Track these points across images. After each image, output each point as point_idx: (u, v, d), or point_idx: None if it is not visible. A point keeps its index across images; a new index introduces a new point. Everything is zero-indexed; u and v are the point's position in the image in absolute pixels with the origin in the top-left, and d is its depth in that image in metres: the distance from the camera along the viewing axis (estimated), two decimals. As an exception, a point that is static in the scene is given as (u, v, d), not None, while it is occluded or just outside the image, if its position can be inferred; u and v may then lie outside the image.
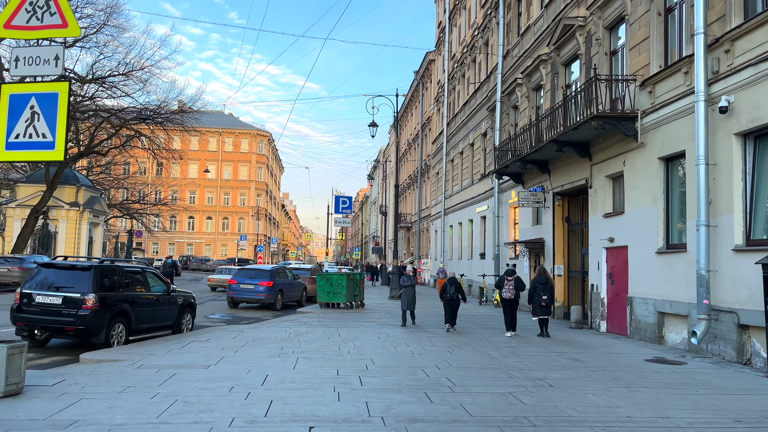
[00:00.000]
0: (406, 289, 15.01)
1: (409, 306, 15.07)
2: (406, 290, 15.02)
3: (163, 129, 37.17)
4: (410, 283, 15.07)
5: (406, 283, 15.05)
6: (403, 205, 57.37)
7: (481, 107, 27.41)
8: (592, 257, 15.66)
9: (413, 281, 15.29)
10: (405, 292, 15.03)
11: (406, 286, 15.05)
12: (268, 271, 20.60)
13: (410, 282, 15.10)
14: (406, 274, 15.60)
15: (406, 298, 14.98)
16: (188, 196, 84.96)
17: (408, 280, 15.16)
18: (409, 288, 15.01)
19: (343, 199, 21.69)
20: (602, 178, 15.19)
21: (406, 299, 14.98)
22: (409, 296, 15.01)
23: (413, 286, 15.16)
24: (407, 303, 15.00)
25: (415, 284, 15.33)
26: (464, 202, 30.58)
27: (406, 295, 14.99)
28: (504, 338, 12.99)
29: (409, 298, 15.02)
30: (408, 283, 15.06)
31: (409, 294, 15.00)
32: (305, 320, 15.98)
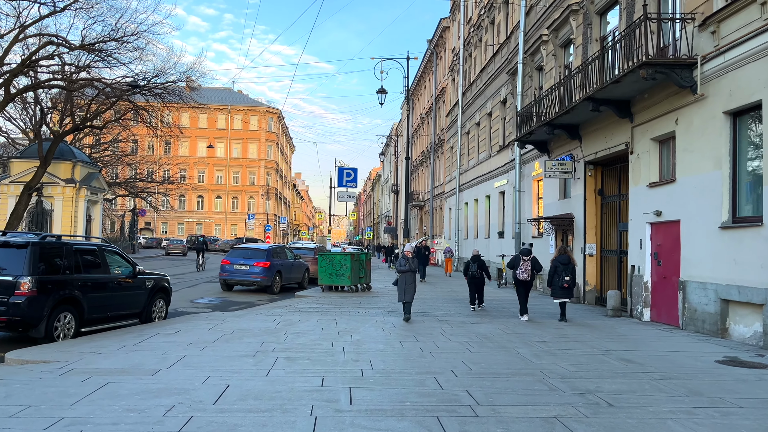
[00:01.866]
0: (403, 275, 11.74)
1: (405, 296, 11.74)
2: (403, 277, 11.76)
3: (162, 101, 34.99)
4: (408, 268, 11.73)
5: (403, 268, 11.72)
6: (415, 183, 55.15)
7: (501, 72, 25.03)
8: (633, 234, 13.47)
9: (412, 265, 11.88)
10: (401, 280, 11.80)
11: (402, 271, 11.76)
12: (264, 250, 18.63)
13: (408, 266, 11.75)
14: (403, 256, 11.98)
15: (403, 286, 11.75)
16: (197, 174, 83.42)
17: (406, 263, 11.74)
18: (407, 274, 11.74)
19: (347, 171, 19.53)
20: (646, 142, 12.93)
21: (403, 288, 11.75)
22: (405, 284, 11.73)
23: (412, 271, 11.84)
24: (403, 292, 11.75)
25: (415, 269, 12.02)
26: (481, 177, 28.34)
27: (403, 283, 11.74)
28: (534, 331, 10.89)
29: (406, 287, 11.71)
30: (406, 267, 11.71)
31: (406, 281, 11.72)
32: (302, 306, 14.00)
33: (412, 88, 56.18)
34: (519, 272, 12.81)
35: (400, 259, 12.03)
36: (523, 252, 13.22)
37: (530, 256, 12.96)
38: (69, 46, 29.56)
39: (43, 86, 31.38)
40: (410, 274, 11.77)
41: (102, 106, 35.60)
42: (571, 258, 12.76)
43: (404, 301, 11.76)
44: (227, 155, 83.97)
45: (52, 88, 33.44)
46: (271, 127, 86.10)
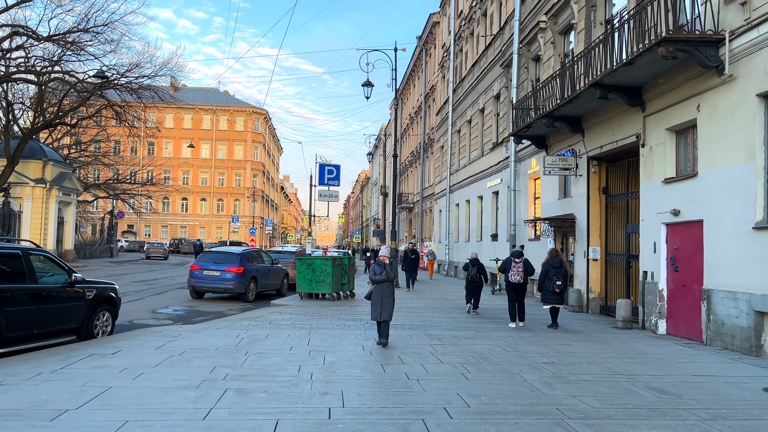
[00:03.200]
0: (379, 286, 9.19)
1: (381, 313, 9.10)
2: (378, 288, 9.18)
3: (138, 97, 33.21)
4: (385, 277, 9.17)
5: (378, 277, 9.19)
6: (404, 185, 53.69)
7: (494, 65, 23.62)
8: (645, 236, 12.04)
9: (390, 273, 9.27)
10: (376, 292, 9.19)
11: (377, 281, 9.21)
12: (237, 254, 17.02)
13: (385, 275, 9.17)
14: (378, 262, 9.33)
15: (378, 300, 9.12)
16: (181, 176, 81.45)
17: (381, 271, 9.19)
18: (383, 285, 9.20)
19: (329, 168, 17.91)
20: (661, 132, 11.50)
21: (378, 302, 9.11)
22: (381, 297, 9.13)
23: (390, 281, 9.29)
24: (378, 308, 9.12)
25: (393, 278, 9.46)
26: (473, 177, 26.89)
27: (378, 296, 9.13)
28: (538, 349, 9.39)
29: (382, 301, 9.11)
30: (381, 276, 9.16)
31: (382, 294, 9.14)
32: (274, 317, 12.43)
33: (401, 87, 54.79)
34: (511, 275, 12.14)
35: (374, 266, 9.38)
36: (515, 254, 12.48)
37: (522, 258, 12.27)
38: (36, 37, 27.84)
39: (8, 80, 29.59)
40: (387, 285, 9.23)
41: (74, 102, 33.95)
42: (563, 261, 12.10)
43: (380, 320, 9.11)
44: (212, 156, 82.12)
45: (17, 81, 31.67)
46: (258, 128, 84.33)
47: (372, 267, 9.44)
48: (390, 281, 9.35)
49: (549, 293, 11.98)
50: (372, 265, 9.52)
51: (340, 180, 17.71)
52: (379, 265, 9.33)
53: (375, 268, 9.36)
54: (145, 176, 63.75)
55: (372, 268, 9.42)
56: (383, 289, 9.24)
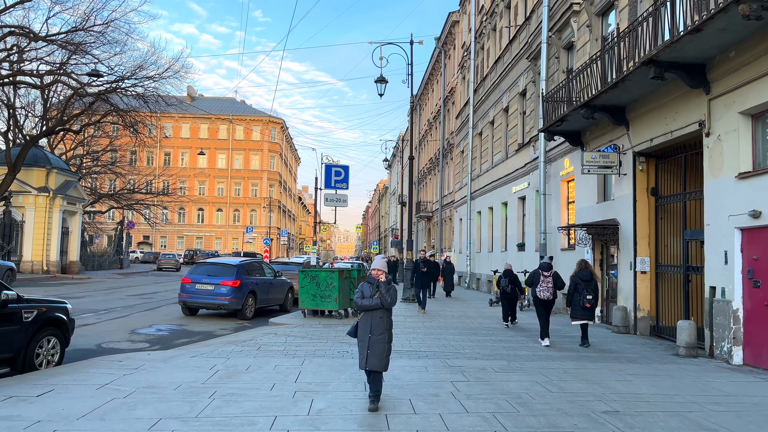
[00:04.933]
0: (368, 316, 6.16)
1: (368, 359, 6.03)
2: (366, 319, 6.16)
3: (145, 102, 31.79)
4: (378, 302, 6.08)
5: (367, 302, 6.12)
6: (423, 193, 51.74)
7: (519, 59, 21.64)
8: (712, 244, 9.93)
9: (386, 297, 6.07)
10: (363, 324, 6.17)
11: (367, 307, 6.13)
12: (234, 266, 15.18)
13: (380, 299, 6.08)
14: (370, 279, 6.22)
15: (366, 337, 6.09)
16: (197, 186, 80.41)
17: (372, 292, 6.13)
18: (375, 314, 6.12)
19: (337, 170, 15.94)
20: (733, 117, 9.44)
21: (366, 341, 6.08)
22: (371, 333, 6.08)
23: (385, 309, 6.15)
24: (365, 350, 6.07)
25: (390, 303, 6.12)
26: (496, 182, 24.85)
27: (366, 332, 6.10)
28: (589, 388, 7.33)
29: (370, 340, 6.06)
30: (372, 301, 6.10)
31: (372, 327, 6.09)
32: (266, 340, 10.52)
33: (419, 92, 53.02)
34: (540, 290, 11.17)
35: (362, 285, 6.29)
36: (543, 267, 11.42)
37: (551, 271, 11.29)
38: (34, 37, 26.54)
39: (8, 83, 28.36)
40: (381, 315, 6.08)
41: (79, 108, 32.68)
42: (593, 274, 11.06)
43: (369, 369, 6.05)
44: (229, 166, 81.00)
45: (19, 85, 30.49)
46: (274, 137, 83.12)
47: (360, 286, 6.27)
48: (385, 308, 6.12)
49: (579, 308, 10.89)
50: (361, 283, 6.41)
51: (349, 183, 15.84)
52: (370, 284, 6.19)
53: (363, 287, 6.20)
54: (161, 186, 62.85)
55: (360, 288, 6.24)
56: (374, 320, 6.07)
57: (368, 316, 6.15)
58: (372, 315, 6.13)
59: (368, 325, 6.11)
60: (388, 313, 6.23)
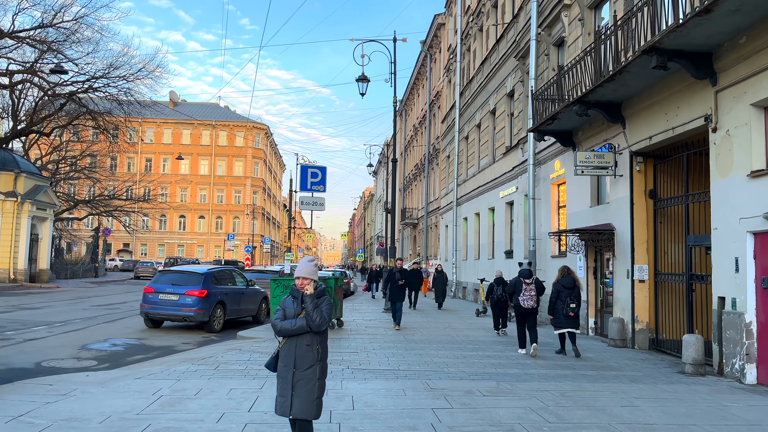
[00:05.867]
0: (289, 344, 4.39)
1: (292, 403, 4.34)
2: (288, 347, 4.38)
3: (118, 104, 30.57)
4: (301, 325, 4.32)
5: (288, 325, 4.34)
6: (408, 200, 50.87)
7: (507, 59, 20.80)
8: (720, 251, 9.02)
9: (314, 317, 4.29)
10: (284, 355, 4.40)
11: (286, 332, 4.35)
12: (201, 274, 14.07)
13: (304, 322, 4.31)
14: (294, 292, 4.48)
15: (288, 372, 4.36)
16: (179, 193, 78.79)
17: (296, 311, 4.39)
18: (299, 341, 4.37)
19: (313, 171, 14.76)
20: (744, 110, 8.55)
21: (288, 378, 4.36)
22: (294, 367, 4.36)
23: (313, 331, 4.37)
24: (288, 391, 4.36)
25: (320, 325, 4.33)
26: (483, 186, 23.94)
27: (287, 364, 4.37)
28: (592, 416, 6.34)
29: (294, 376, 4.35)
30: (292, 325, 4.33)
31: (295, 359, 4.36)
32: (227, 358, 9.43)
33: (404, 97, 52.14)
34: (523, 299, 10.75)
35: (284, 301, 4.56)
36: (524, 274, 11.01)
37: (533, 278, 10.98)
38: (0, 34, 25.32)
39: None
40: (309, 341, 4.38)
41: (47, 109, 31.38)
42: (576, 281, 10.82)
43: (293, 418, 4.44)
44: (211, 173, 79.58)
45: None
46: (258, 143, 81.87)
47: (282, 302, 4.53)
48: (315, 332, 4.37)
49: (562, 317, 10.57)
50: (283, 298, 4.67)
51: (326, 185, 14.78)
52: (294, 299, 4.46)
53: (285, 303, 4.48)
54: (141, 192, 61.37)
55: (282, 303, 4.51)
56: (299, 348, 4.34)
57: (291, 344, 4.35)
58: (296, 342, 4.34)
59: (291, 356, 4.34)
60: (319, 338, 4.41)
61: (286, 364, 4.40)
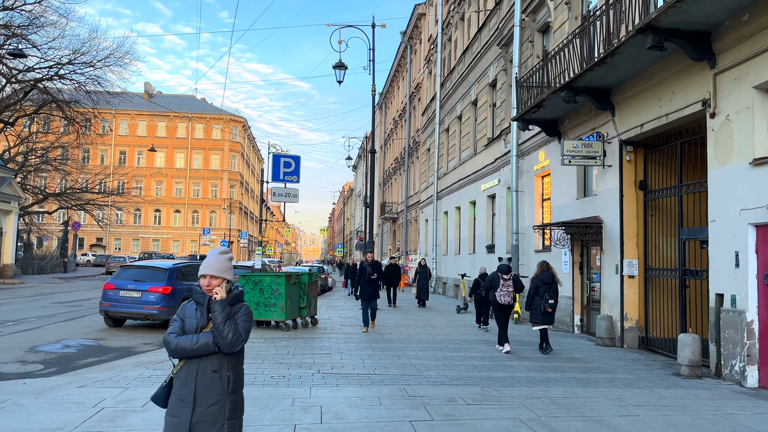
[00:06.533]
0: (187, 367, 3.21)
1: None
2: (186, 371, 3.20)
3: (86, 92, 29.32)
4: (205, 343, 3.16)
5: (190, 340, 3.16)
6: (388, 194, 50.17)
7: (489, 47, 20.14)
8: (719, 244, 8.44)
9: (224, 330, 3.13)
10: (182, 381, 3.21)
11: (186, 352, 3.17)
12: (165, 269, 13.19)
13: (210, 335, 3.16)
14: (196, 296, 3.33)
15: (183, 408, 3.18)
16: (154, 186, 77.06)
17: (200, 323, 3.25)
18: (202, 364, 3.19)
19: (286, 161, 13.82)
20: (746, 93, 7.96)
21: (184, 416, 3.16)
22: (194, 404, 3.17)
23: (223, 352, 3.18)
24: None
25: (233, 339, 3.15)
26: (464, 179, 23.31)
27: (182, 398, 3.19)
28: (592, 428, 5.69)
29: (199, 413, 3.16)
30: (197, 340, 3.16)
31: (195, 390, 3.17)
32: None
33: (384, 90, 51.34)
34: (500, 294, 10.42)
35: (183, 306, 3.35)
36: (502, 269, 10.65)
37: (511, 274, 10.62)
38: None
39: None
40: (216, 366, 3.20)
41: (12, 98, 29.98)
42: (555, 276, 10.49)
43: None
44: (187, 166, 77.93)
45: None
46: (236, 136, 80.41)
47: (181, 309, 3.34)
48: (226, 353, 3.21)
49: (539, 313, 10.26)
50: (182, 304, 3.40)
51: (300, 176, 13.95)
52: (197, 305, 3.31)
53: (186, 311, 3.32)
54: (115, 186, 59.84)
55: (180, 312, 3.34)
56: (201, 376, 3.19)
57: (191, 370, 3.16)
58: (198, 367, 3.16)
59: (190, 386, 3.14)
60: (232, 361, 3.24)
61: (181, 398, 3.15)
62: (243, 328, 3.23)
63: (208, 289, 3.27)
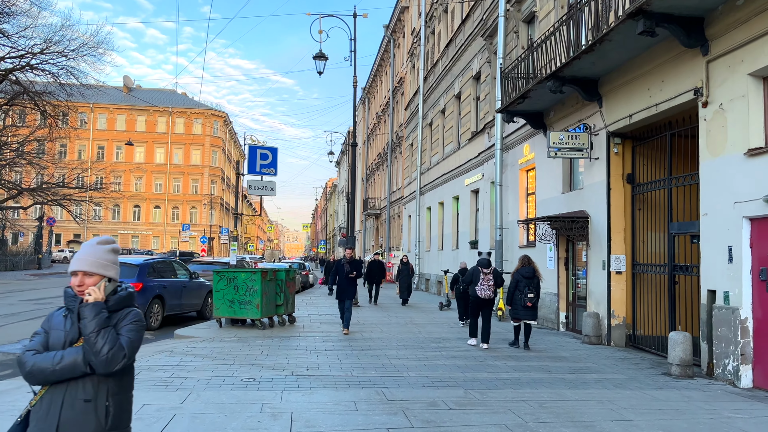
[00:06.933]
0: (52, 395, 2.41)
1: None
2: (48, 401, 2.41)
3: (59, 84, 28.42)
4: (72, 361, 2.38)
5: (50, 359, 2.37)
6: (371, 190, 49.72)
7: (473, 39, 19.75)
8: (711, 239, 8.12)
9: (98, 343, 2.36)
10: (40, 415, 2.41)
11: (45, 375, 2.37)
12: (135, 266, 12.61)
13: (81, 351, 2.40)
14: (67, 299, 2.55)
15: None
16: (133, 182, 75.74)
17: (62, 333, 2.49)
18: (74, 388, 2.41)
19: (263, 152, 13.26)
20: (740, 80, 7.62)
21: None
22: None
23: (98, 373, 2.39)
24: None
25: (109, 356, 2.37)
26: (447, 174, 22.93)
27: None
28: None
29: None
30: (62, 359, 2.38)
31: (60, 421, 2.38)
32: (153, 363, 8.08)
33: (367, 85, 50.79)
34: (480, 289, 10.22)
35: (51, 317, 2.57)
36: (482, 264, 10.48)
37: (491, 268, 10.46)
38: None
39: None
40: (89, 394, 2.43)
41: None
42: (536, 271, 10.39)
43: None
44: (167, 161, 76.70)
45: None
46: (217, 131, 79.32)
47: (47, 319, 2.57)
48: (103, 374, 2.40)
49: (520, 307, 10.17)
50: (50, 313, 2.60)
51: (278, 168, 13.39)
52: (68, 313, 2.51)
53: (53, 321, 2.54)
54: (93, 180, 58.57)
55: (45, 322, 2.57)
56: (69, 406, 2.39)
57: (55, 397, 2.41)
58: (65, 394, 2.41)
59: (52, 421, 2.38)
60: (113, 384, 2.49)
61: None
62: (127, 340, 2.45)
63: (79, 290, 2.49)
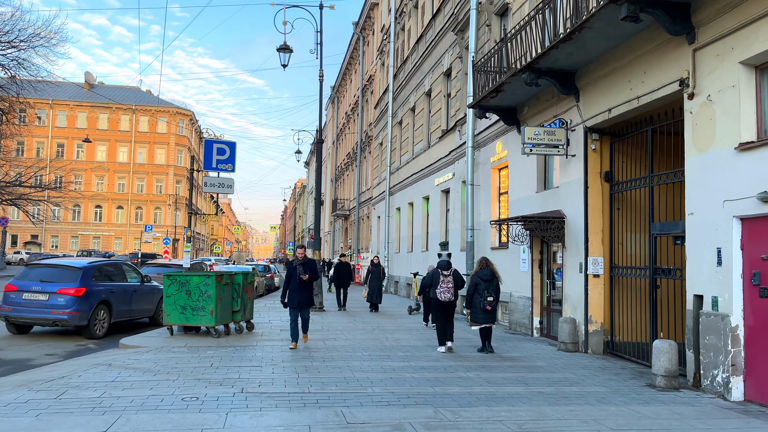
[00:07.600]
0: None
1: None
2: None
3: (8, 72, 26.87)
4: None
5: None
6: (340, 191, 48.86)
7: (444, 34, 19.14)
8: (698, 240, 7.57)
9: None
10: None
11: None
12: (78, 269, 11.58)
13: None
14: None
15: None
16: (95, 181, 73.38)
17: None
18: None
19: (220, 147, 12.26)
20: (731, 70, 7.09)
21: None
22: None
23: None
24: None
25: None
26: (417, 174, 22.29)
27: None
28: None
29: None
30: None
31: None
32: (85, 379, 7.17)
33: (336, 84, 49.98)
34: (440, 291, 10.01)
35: None
36: (442, 266, 10.20)
37: (451, 270, 10.19)
38: None
39: None
40: None
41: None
42: (495, 273, 10.12)
43: None
44: (131, 160, 74.52)
45: None
46: (182, 130, 77.44)
47: None
48: None
49: (479, 311, 9.87)
50: None
51: (235, 164, 12.49)
52: None
53: None
54: (52, 179, 56.35)
55: None
56: None
57: None
58: None
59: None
60: None
61: None
62: None
63: None
